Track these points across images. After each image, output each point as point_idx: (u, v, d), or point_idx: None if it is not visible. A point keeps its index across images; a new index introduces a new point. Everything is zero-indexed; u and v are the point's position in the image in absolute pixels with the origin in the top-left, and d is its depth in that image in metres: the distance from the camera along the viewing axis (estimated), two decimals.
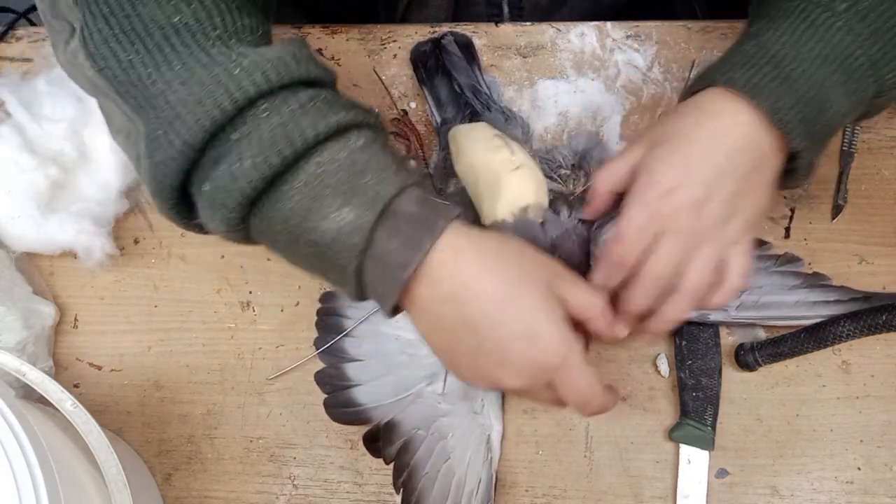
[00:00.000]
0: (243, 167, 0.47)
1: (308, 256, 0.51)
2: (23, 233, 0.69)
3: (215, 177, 0.48)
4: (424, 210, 0.50)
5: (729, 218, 0.53)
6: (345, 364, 0.67)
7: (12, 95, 0.72)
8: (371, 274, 0.50)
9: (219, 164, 0.48)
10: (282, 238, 0.50)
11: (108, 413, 0.69)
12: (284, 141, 0.47)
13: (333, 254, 0.49)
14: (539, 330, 0.50)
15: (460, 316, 0.50)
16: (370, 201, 0.48)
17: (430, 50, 0.74)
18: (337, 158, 0.48)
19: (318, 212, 0.48)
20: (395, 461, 0.64)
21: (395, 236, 0.49)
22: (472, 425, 0.66)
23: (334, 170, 0.48)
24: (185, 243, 0.73)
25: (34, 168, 0.69)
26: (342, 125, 0.49)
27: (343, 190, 0.48)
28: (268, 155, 0.47)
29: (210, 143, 0.48)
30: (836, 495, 0.65)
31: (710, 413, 0.65)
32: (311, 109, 0.48)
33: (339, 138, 0.49)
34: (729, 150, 0.53)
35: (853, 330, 0.64)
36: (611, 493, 0.66)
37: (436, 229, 0.49)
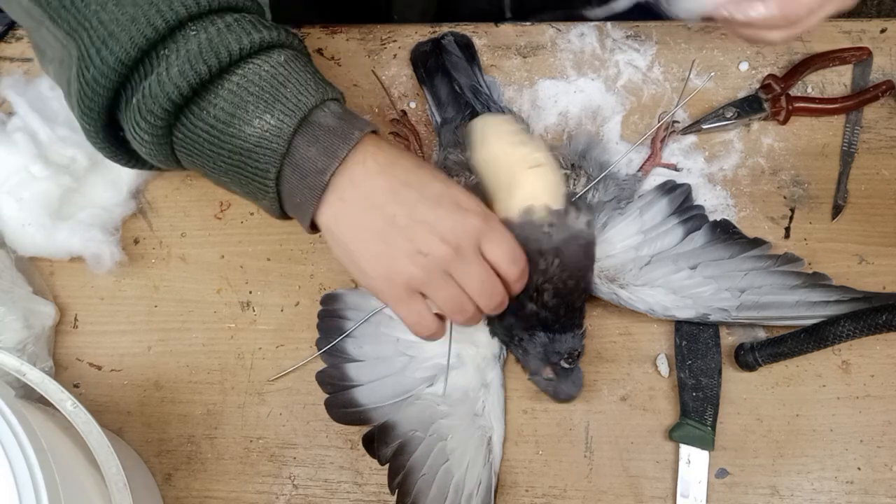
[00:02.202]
0: (171, 74, 0.51)
1: (232, 168, 0.54)
2: (32, 240, 0.70)
3: (144, 87, 0.51)
4: (341, 122, 0.54)
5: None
6: (346, 364, 0.67)
7: (21, 98, 0.72)
8: (289, 183, 0.54)
9: (148, 77, 0.51)
10: (206, 149, 0.54)
11: (108, 413, 0.69)
12: (210, 53, 0.51)
13: (255, 159, 0.53)
14: (460, 193, 0.56)
15: (386, 187, 0.54)
16: (290, 110, 0.52)
17: (430, 50, 0.74)
18: (260, 71, 0.53)
19: (242, 118, 0.52)
20: (391, 462, 0.64)
21: (313, 144, 0.53)
22: (473, 427, 0.66)
23: (257, 80, 0.52)
24: (185, 243, 0.73)
25: (47, 177, 0.69)
26: (266, 42, 0.53)
27: (265, 98, 0.52)
28: (194, 64, 0.51)
29: (140, 60, 0.51)
30: (836, 495, 0.65)
31: (709, 413, 0.65)
32: (237, 27, 0.52)
33: (262, 54, 0.53)
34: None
35: (853, 330, 0.64)
36: (611, 493, 0.66)
37: (351, 139, 0.53)
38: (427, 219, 0.54)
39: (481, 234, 0.55)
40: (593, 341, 0.68)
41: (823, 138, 0.73)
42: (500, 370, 0.67)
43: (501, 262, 0.56)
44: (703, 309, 0.66)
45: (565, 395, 0.65)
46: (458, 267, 0.55)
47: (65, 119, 0.72)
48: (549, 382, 0.65)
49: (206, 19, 0.52)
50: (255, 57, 0.53)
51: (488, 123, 0.65)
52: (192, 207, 0.74)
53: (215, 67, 0.51)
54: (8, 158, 0.69)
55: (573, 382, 0.65)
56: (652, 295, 0.66)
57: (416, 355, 0.67)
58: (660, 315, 0.66)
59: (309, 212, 0.54)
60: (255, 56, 0.53)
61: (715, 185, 0.72)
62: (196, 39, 0.51)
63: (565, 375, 0.64)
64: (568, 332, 0.64)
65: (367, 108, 0.75)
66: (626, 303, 0.66)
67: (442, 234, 0.54)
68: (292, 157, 0.53)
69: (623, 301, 0.66)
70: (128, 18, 0.51)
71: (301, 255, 0.72)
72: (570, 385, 0.65)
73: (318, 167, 0.53)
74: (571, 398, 0.66)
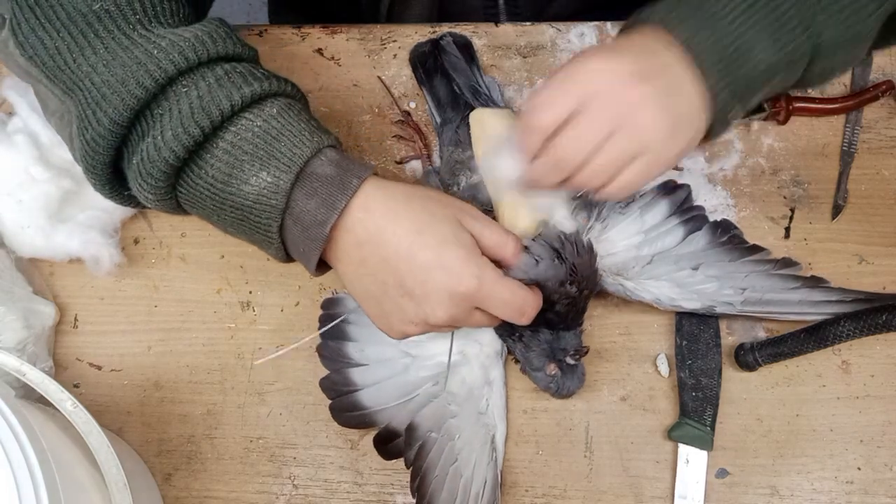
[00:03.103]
0: (165, 138, 0.51)
1: (235, 221, 0.55)
2: (31, 242, 0.70)
3: (142, 149, 0.52)
4: (339, 170, 0.53)
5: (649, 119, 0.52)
6: (349, 369, 0.67)
7: (22, 99, 0.72)
8: (292, 234, 0.54)
9: (144, 138, 0.52)
10: (209, 204, 0.54)
11: (108, 413, 0.69)
12: (201, 113, 0.51)
13: (256, 215, 0.53)
14: (449, 258, 0.53)
15: (379, 257, 0.54)
16: (286, 165, 0.52)
17: (429, 51, 0.74)
18: (252, 127, 0.52)
19: (239, 177, 0.52)
20: (413, 464, 0.64)
21: (312, 197, 0.53)
22: (477, 426, 0.66)
23: (250, 137, 0.52)
24: (185, 243, 0.73)
25: (47, 180, 0.69)
26: (257, 95, 0.53)
27: (260, 155, 0.52)
28: (187, 126, 0.51)
29: (136, 120, 0.52)
30: (836, 495, 0.65)
31: (709, 413, 0.65)
32: (227, 82, 0.52)
33: (254, 108, 0.53)
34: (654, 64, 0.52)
35: (853, 330, 0.64)
36: (611, 493, 0.66)
37: (349, 188, 0.53)
38: (416, 293, 0.54)
39: (474, 303, 0.55)
40: (593, 341, 0.68)
41: (823, 138, 0.73)
42: (502, 367, 0.67)
43: (506, 317, 0.56)
44: (708, 301, 0.66)
45: (569, 390, 0.65)
46: (460, 322, 0.56)
47: None
48: (551, 379, 0.65)
49: (196, 73, 0.52)
50: (248, 111, 0.53)
51: (487, 115, 0.66)
52: None
53: (208, 128, 0.51)
54: (8, 160, 0.69)
55: (577, 378, 0.65)
56: (658, 287, 0.66)
57: (418, 355, 0.67)
58: (666, 305, 0.66)
59: (313, 260, 0.54)
60: (248, 110, 0.53)
61: (715, 185, 0.72)
62: (187, 98, 0.51)
63: (570, 371, 0.64)
64: (571, 331, 0.64)
65: (367, 108, 0.75)
66: (631, 293, 0.66)
67: (431, 310, 0.54)
68: (292, 211, 0.53)
69: (629, 292, 0.66)
70: (117, 80, 0.51)
71: None
72: (574, 380, 0.65)
73: (319, 219, 0.53)
74: (572, 393, 0.66)
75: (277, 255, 0.56)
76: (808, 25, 0.51)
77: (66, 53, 0.53)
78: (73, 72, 0.52)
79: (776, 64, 0.52)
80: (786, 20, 0.51)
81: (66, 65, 0.53)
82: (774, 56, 0.51)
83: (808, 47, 0.52)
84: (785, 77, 0.53)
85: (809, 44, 0.51)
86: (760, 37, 0.51)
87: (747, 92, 0.53)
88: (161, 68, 0.51)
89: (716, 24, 0.51)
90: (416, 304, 0.54)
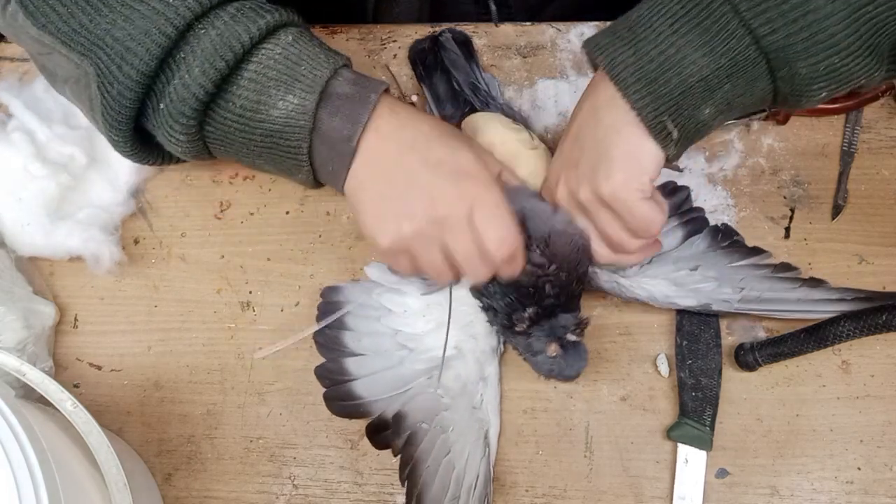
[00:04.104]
0: (193, 75, 0.54)
1: (264, 151, 0.58)
2: (32, 240, 0.70)
3: (169, 92, 0.55)
4: (357, 87, 0.58)
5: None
6: (344, 358, 0.67)
7: (16, 100, 0.72)
8: (320, 154, 0.58)
9: (171, 82, 0.55)
10: (238, 137, 0.58)
11: (108, 413, 0.69)
12: (224, 48, 0.54)
13: (285, 139, 0.57)
14: (463, 158, 0.59)
15: (396, 150, 0.58)
16: (309, 86, 0.56)
17: (429, 47, 0.74)
18: (272, 55, 0.56)
19: (266, 102, 0.56)
20: (402, 453, 0.64)
21: (335, 114, 0.57)
22: (471, 420, 0.66)
23: (272, 64, 0.56)
24: (185, 243, 0.73)
25: (45, 176, 0.69)
26: (271, 26, 0.56)
27: (284, 80, 0.56)
28: (213, 61, 0.54)
29: (160, 68, 0.55)
30: (836, 495, 0.65)
31: (708, 413, 0.65)
32: (242, 18, 0.55)
33: (270, 39, 0.56)
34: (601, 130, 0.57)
35: (853, 330, 0.64)
36: (611, 493, 0.66)
37: (369, 103, 0.57)
38: (422, 184, 0.58)
39: (474, 204, 0.57)
40: (593, 341, 0.68)
41: (823, 138, 0.73)
42: (497, 364, 0.67)
43: (490, 239, 0.58)
44: (704, 299, 0.66)
45: (573, 370, 0.65)
46: (446, 234, 0.58)
47: (62, 117, 0.72)
48: (554, 361, 0.64)
49: (211, 15, 0.55)
50: (265, 42, 0.56)
51: (482, 117, 0.68)
52: (192, 207, 0.74)
53: (231, 61, 0.54)
54: (6, 158, 0.69)
55: (580, 356, 0.65)
56: (654, 284, 0.66)
57: (414, 348, 0.67)
58: (661, 303, 0.66)
59: (342, 177, 0.58)
60: (265, 41, 0.56)
61: (715, 185, 0.72)
62: (207, 37, 0.54)
63: (573, 348, 0.64)
64: (569, 314, 0.64)
65: None
66: (626, 290, 0.66)
67: (433, 198, 0.57)
68: (319, 130, 0.57)
69: (624, 289, 0.66)
70: (140, 32, 0.54)
71: (301, 255, 0.72)
72: (577, 360, 0.65)
73: (344, 135, 0.57)
74: (579, 373, 0.66)
75: (307, 179, 0.60)
76: (745, 32, 0.52)
77: (80, 16, 0.55)
78: (91, 31, 0.55)
79: (716, 73, 0.53)
80: (717, 29, 0.52)
81: (81, 27, 0.55)
82: (710, 65, 0.52)
83: (753, 52, 0.52)
84: (737, 86, 0.54)
85: (755, 49, 0.52)
86: (690, 49, 0.52)
87: (685, 105, 0.54)
88: (179, 14, 0.54)
89: (637, 44, 0.54)
90: (417, 194, 0.57)
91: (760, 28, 0.51)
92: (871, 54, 0.52)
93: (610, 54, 0.54)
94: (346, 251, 0.72)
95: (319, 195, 0.73)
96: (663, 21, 0.53)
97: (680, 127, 0.55)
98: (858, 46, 0.52)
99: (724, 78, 0.53)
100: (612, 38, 0.55)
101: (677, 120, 0.54)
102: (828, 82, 0.53)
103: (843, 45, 0.51)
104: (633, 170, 0.56)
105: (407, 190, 0.58)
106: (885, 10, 0.51)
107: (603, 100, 0.56)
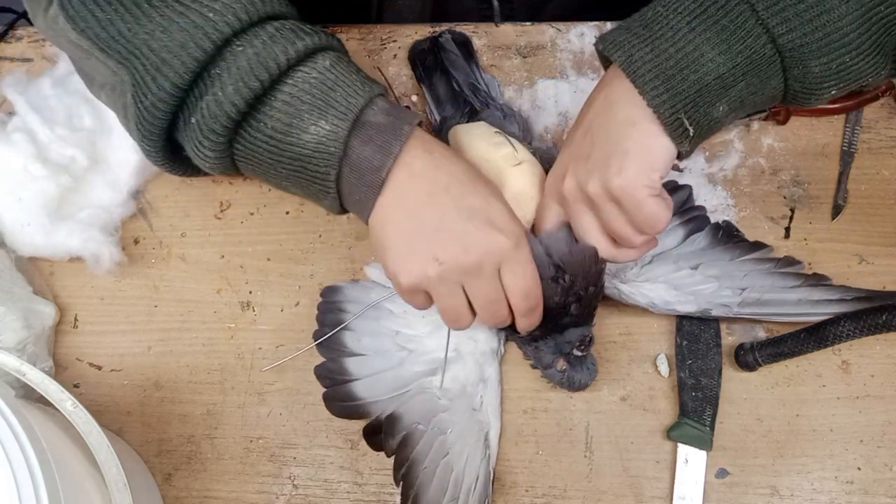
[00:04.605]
0: (226, 93, 0.53)
1: (292, 174, 0.57)
2: (32, 240, 0.70)
3: (202, 107, 0.54)
4: (391, 118, 0.57)
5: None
6: (344, 358, 0.67)
7: (21, 97, 0.72)
8: (348, 182, 0.57)
9: (204, 97, 0.54)
10: (266, 158, 0.57)
11: (108, 413, 0.69)
12: (260, 67, 0.54)
13: (314, 165, 0.56)
14: (496, 210, 0.58)
15: (426, 192, 0.57)
16: (343, 114, 0.55)
17: (428, 48, 0.74)
18: (308, 79, 0.55)
19: (298, 126, 0.55)
20: (396, 454, 0.64)
21: (367, 144, 0.56)
22: (471, 422, 0.66)
23: (308, 88, 0.55)
24: (185, 243, 0.73)
25: (46, 176, 0.69)
26: (309, 49, 0.55)
27: (318, 105, 0.55)
28: (247, 80, 0.53)
29: (194, 82, 0.54)
30: (836, 495, 0.65)
31: (708, 413, 0.65)
32: (280, 38, 0.54)
33: (307, 61, 0.55)
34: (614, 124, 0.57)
35: (853, 330, 0.64)
36: (611, 493, 0.66)
37: (402, 134, 0.56)
38: (454, 229, 0.56)
39: (504, 259, 0.57)
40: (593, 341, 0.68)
41: (823, 138, 0.73)
42: (497, 366, 0.67)
43: (514, 294, 0.58)
44: (704, 304, 0.66)
45: (580, 383, 0.65)
46: (471, 282, 0.57)
47: (64, 118, 0.72)
48: (562, 374, 0.65)
49: (249, 32, 0.54)
50: (303, 64, 0.55)
51: (463, 131, 0.67)
52: (192, 207, 0.74)
53: (266, 81, 0.54)
54: (7, 158, 0.69)
55: (587, 369, 0.65)
56: (653, 290, 0.66)
57: (414, 349, 0.67)
58: (661, 309, 0.66)
59: (368, 207, 0.57)
60: (303, 63, 0.55)
61: (715, 185, 0.72)
62: (244, 55, 0.54)
63: (579, 363, 0.64)
64: (580, 328, 0.64)
65: None
66: (627, 297, 0.66)
67: (465, 247, 0.56)
68: (349, 159, 0.56)
69: (624, 295, 0.66)
70: (177, 44, 0.53)
71: (301, 255, 0.72)
72: (584, 373, 0.65)
73: (375, 165, 0.56)
74: (586, 385, 0.66)
75: (332, 206, 0.59)
76: (762, 31, 0.52)
77: (119, 24, 0.54)
78: (129, 41, 0.54)
79: (732, 71, 0.53)
80: (734, 28, 0.52)
81: (120, 35, 0.54)
82: (727, 63, 0.53)
83: (769, 51, 0.53)
84: (751, 84, 0.54)
85: (770, 47, 0.53)
86: (707, 47, 0.53)
87: (700, 102, 0.54)
88: (217, 30, 0.53)
89: (654, 41, 0.54)
90: (448, 239, 0.56)
91: (777, 27, 0.52)
92: (879, 53, 0.53)
93: (627, 51, 0.54)
94: (346, 251, 0.72)
95: None
96: (681, 19, 0.53)
97: (695, 124, 0.55)
98: (869, 45, 0.52)
99: (740, 76, 0.53)
100: (627, 35, 0.55)
101: (693, 117, 0.54)
102: (838, 80, 0.54)
103: (855, 44, 0.52)
104: (645, 165, 0.56)
105: (437, 233, 0.56)
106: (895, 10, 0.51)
107: (618, 94, 0.56)
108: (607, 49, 0.56)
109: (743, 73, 0.53)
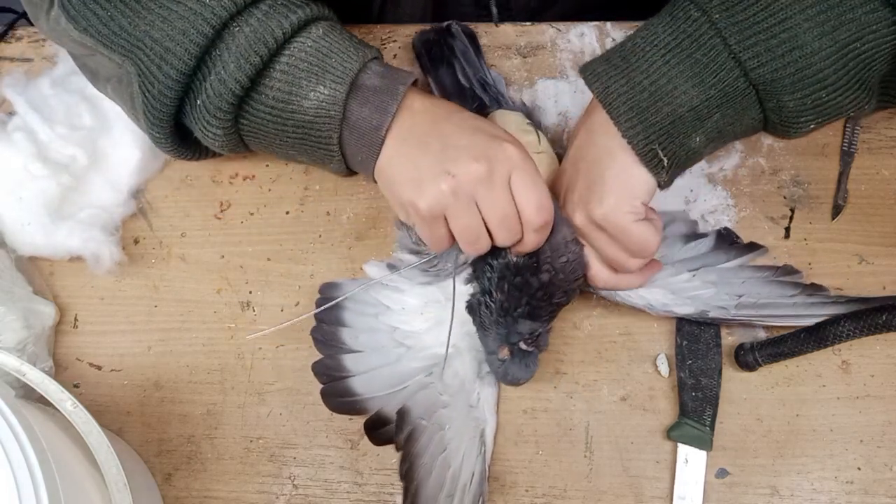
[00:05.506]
0: (228, 71, 0.56)
1: (298, 141, 0.60)
2: (32, 240, 0.70)
3: (206, 88, 0.57)
4: (386, 79, 0.59)
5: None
6: (342, 355, 0.67)
7: (20, 97, 0.72)
8: (349, 144, 0.60)
9: (208, 78, 0.57)
10: (271, 128, 0.60)
11: (108, 413, 0.69)
12: (258, 43, 0.56)
13: (317, 129, 0.59)
14: (499, 129, 0.60)
15: (428, 121, 0.59)
16: (340, 78, 0.58)
17: (435, 38, 0.73)
18: (304, 48, 0.58)
19: (298, 93, 0.58)
20: (403, 449, 0.64)
21: (365, 105, 0.58)
22: (468, 418, 0.66)
23: (304, 56, 0.58)
24: (185, 243, 0.73)
25: (46, 176, 0.69)
26: (303, 21, 0.58)
27: (315, 71, 0.57)
28: (248, 56, 0.56)
29: (197, 66, 0.57)
30: (836, 495, 0.65)
31: (708, 413, 0.65)
32: (274, 14, 0.57)
33: (302, 32, 0.58)
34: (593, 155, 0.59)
35: (853, 330, 0.64)
36: (611, 493, 0.66)
37: (398, 94, 0.59)
38: (461, 143, 0.57)
39: (515, 167, 0.57)
40: (593, 341, 0.69)
41: (823, 138, 0.73)
42: None
43: (528, 204, 0.58)
44: (702, 306, 0.66)
45: (513, 378, 0.63)
46: (485, 193, 0.57)
47: (64, 117, 0.72)
48: (501, 364, 0.63)
49: (245, 13, 0.57)
50: (297, 36, 0.58)
51: (500, 114, 0.69)
52: (192, 207, 0.74)
53: (265, 55, 0.56)
54: (7, 158, 0.69)
55: (526, 366, 0.63)
56: (650, 292, 0.66)
57: (412, 346, 0.67)
58: (658, 311, 0.66)
59: (371, 165, 0.60)
60: (297, 34, 0.58)
61: (715, 185, 0.72)
62: (242, 34, 0.56)
63: (521, 357, 0.63)
64: (536, 321, 0.62)
65: None
66: (623, 298, 0.66)
67: (474, 155, 0.57)
68: (349, 121, 0.58)
69: (620, 297, 0.66)
70: (178, 32, 0.56)
71: (301, 255, 0.72)
72: (522, 369, 0.63)
73: (374, 125, 0.58)
74: (519, 383, 0.64)
75: (339, 168, 0.62)
76: (735, 65, 0.53)
77: (120, 19, 0.57)
78: (131, 34, 0.57)
79: (706, 103, 0.54)
80: (707, 62, 0.54)
81: (122, 29, 0.57)
82: (700, 95, 0.54)
83: (742, 84, 0.54)
84: (727, 115, 0.55)
85: (744, 80, 0.53)
86: (681, 80, 0.54)
87: (675, 133, 0.55)
88: (215, 14, 0.55)
89: (630, 74, 0.55)
90: (457, 153, 0.57)
91: (749, 62, 0.53)
92: (860, 88, 0.54)
93: (604, 82, 0.57)
94: (346, 251, 0.72)
95: (319, 195, 0.73)
96: (656, 52, 0.55)
97: (670, 155, 0.56)
98: (846, 81, 0.53)
99: (715, 108, 0.55)
100: (606, 67, 0.57)
101: (668, 148, 0.56)
102: (815, 115, 0.55)
103: (831, 80, 0.53)
104: (624, 193, 0.58)
105: (445, 150, 0.57)
106: (873, 46, 0.52)
107: (597, 125, 0.58)
108: (587, 79, 0.58)
109: (717, 104, 0.54)
